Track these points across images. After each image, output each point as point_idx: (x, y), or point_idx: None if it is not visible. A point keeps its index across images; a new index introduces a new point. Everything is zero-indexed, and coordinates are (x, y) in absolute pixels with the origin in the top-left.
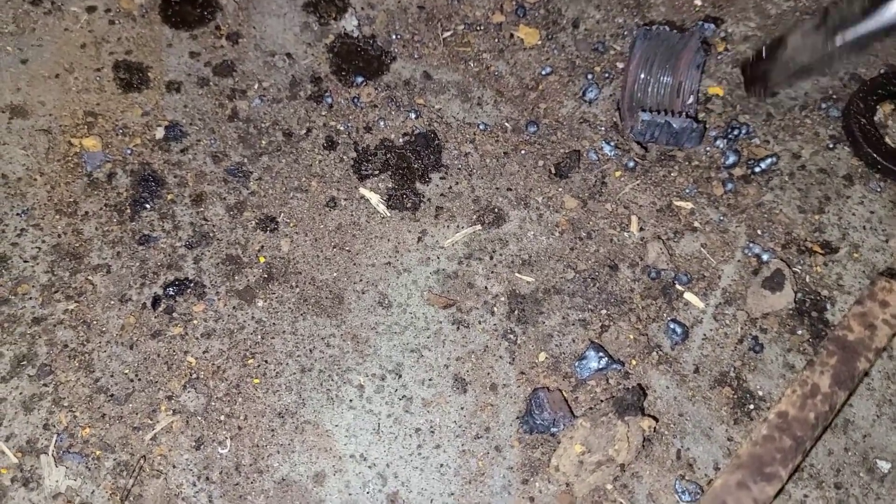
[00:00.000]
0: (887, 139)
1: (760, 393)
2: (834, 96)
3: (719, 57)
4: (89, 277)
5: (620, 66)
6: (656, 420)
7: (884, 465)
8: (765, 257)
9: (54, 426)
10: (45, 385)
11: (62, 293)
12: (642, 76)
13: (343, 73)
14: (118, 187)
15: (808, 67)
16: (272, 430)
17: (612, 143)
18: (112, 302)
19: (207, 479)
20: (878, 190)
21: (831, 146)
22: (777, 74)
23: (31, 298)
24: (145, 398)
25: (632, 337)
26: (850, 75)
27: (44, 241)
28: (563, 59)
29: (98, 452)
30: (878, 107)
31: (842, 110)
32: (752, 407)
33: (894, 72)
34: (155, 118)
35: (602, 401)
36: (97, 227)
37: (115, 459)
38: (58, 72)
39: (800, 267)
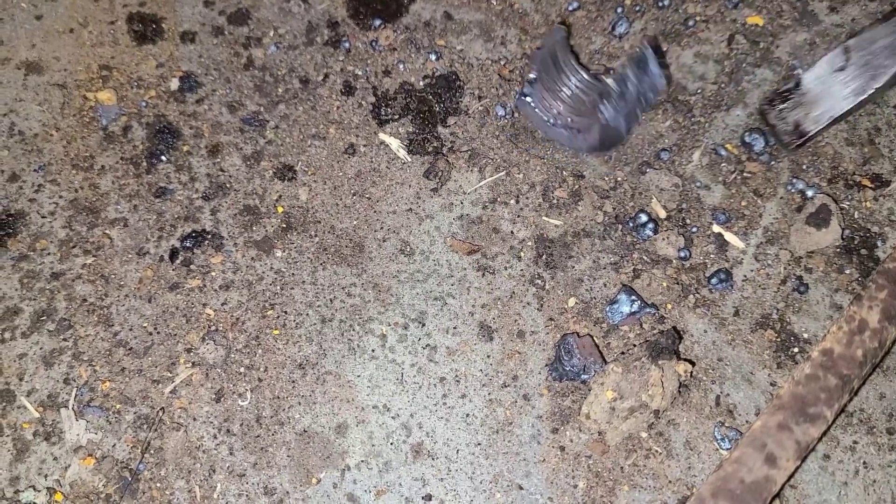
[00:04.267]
0: None
1: (805, 335)
2: (883, 20)
3: None
4: (107, 231)
5: None
6: (693, 364)
7: None
8: (809, 193)
9: (74, 380)
10: (64, 340)
11: (80, 248)
12: None
13: (361, 17)
14: (134, 140)
15: (845, 115)
16: (293, 382)
17: None
18: (130, 255)
19: (228, 431)
20: None
21: None
22: (809, 126)
23: (49, 254)
24: (164, 351)
25: (665, 282)
26: None
27: (61, 197)
28: None
29: (118, 406)
30: None
31: None
32: (796, 350)
33: None
34: (169, 69)
35: (635, 346)
36: (113, 180)
37: (135, 413)
38: (72, 26)
39: (848, 202)
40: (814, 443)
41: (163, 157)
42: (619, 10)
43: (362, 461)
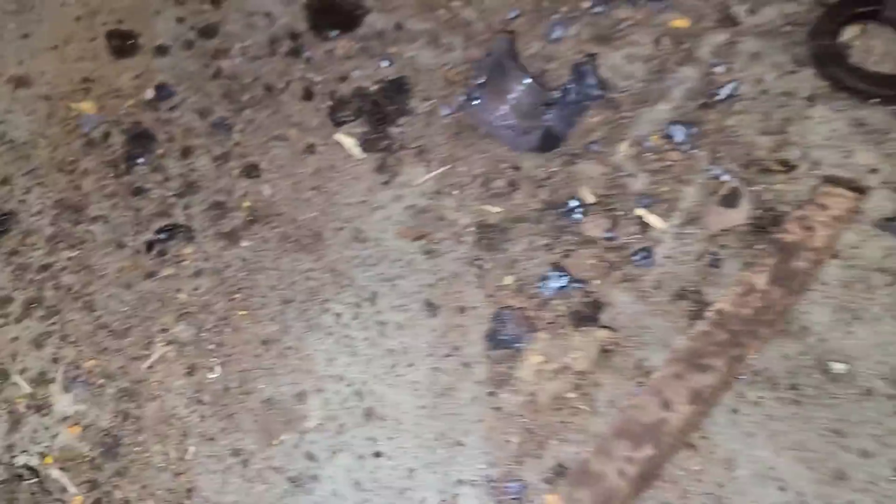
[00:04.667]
0: (852, 60)
1: (717, 302)
2: (797, 21)
3: None
4: (89, 227)
5: (586, 5)
6: (613, 331)
7: (839, 367)
8: (725, 177)
9: (62, 359)
10: (52, 324)
11: (65, 242)
12: None
13: (319, 28)
14: (113, 145)
15: None
16: (257, 356)
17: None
18: (110, 248)
19: (199, 401)
20: (841, 109)
21: (794, 70)
22: None
23: (38, 248)
24: (142, 332)
25: (592, 260)
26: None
27: (48, 197)
28: (529, 2)
29: (101, 381)
30: (843, 28)
31: (807, 33)
32: (708, 314)
33: None
34: (145, 80)
35: (562, 316)
36: (95, 182)
37: (116, 386)
38: (56, 44)
39: (761, 185)
40: (706, 389)
41: (139, 160)
42: (556, 16)
43: (320, 424)
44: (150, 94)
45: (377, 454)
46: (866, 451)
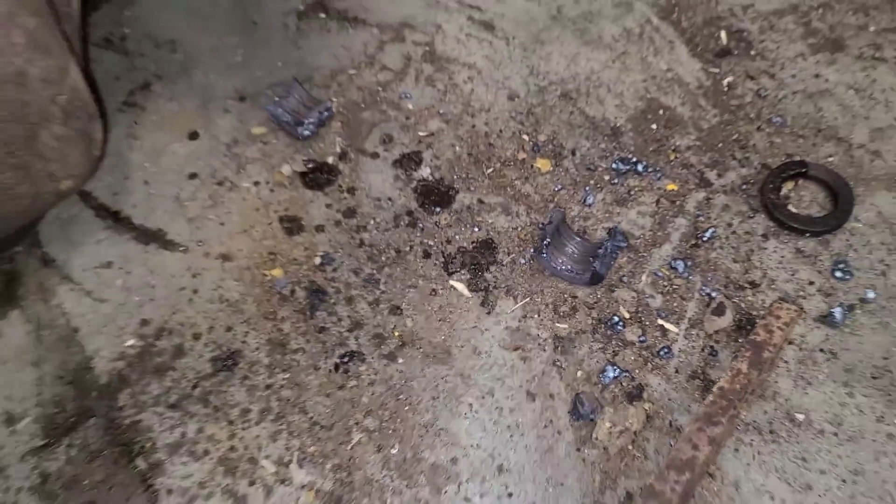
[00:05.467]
0: (790, 207)
1: (718, 381)
2: (751, 181)
3: (672, 163)
4: (293, 357)
5: (606, 178)
6: (653, 404)
7: (800, 416)
8: (713, 294)
9: (292, 447)
10: (281, 425)
11: (279, 368)
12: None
13: (426, 206)
14: (299, 299)
15: None
16: (421, 436)
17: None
18: (310, 370)
19: (388, 468)
20: (786, 242)
21: (752, 216)
22: None
23: (260, 374)
24: (342, 426)
25: (633, 356)
26: (762, 164)
27: (261, 338)
28: (568, 179)
29: (322, 460)
30: (782, 185)
31: (758, 189)
32: (714, 390)
33: (792, 161)
34: (312, 251)
35: (618, 395)
36: (291, 325)
37: (332, 463)
38: (244, 228)
39: (737, 298)
40: (719, 437)
41: (318, 308)
42: (587, 188)
43: (469, 478)
44: (318, 260)
45: (510, 495)
46: (822, 470)
